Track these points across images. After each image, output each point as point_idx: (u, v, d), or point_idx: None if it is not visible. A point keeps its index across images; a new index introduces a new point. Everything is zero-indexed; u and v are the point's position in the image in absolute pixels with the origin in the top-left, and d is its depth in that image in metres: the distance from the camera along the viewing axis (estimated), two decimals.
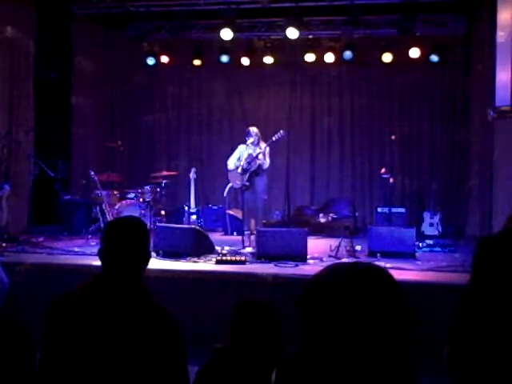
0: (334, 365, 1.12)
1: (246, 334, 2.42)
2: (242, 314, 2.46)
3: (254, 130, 8.41)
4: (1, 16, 8.31)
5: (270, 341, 2.42)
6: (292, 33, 9.01)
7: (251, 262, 6.37)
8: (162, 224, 7.82)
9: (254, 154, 8.14)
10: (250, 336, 2.41)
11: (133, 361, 2.00)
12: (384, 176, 8.92)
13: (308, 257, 6.53)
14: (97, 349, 2.00)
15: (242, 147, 8.40)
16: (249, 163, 8.16)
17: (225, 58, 10.22)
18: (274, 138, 8.04)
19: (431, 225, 9.17)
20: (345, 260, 6.50)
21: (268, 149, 8.27)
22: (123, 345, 2.00)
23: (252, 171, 8.17)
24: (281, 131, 8.02)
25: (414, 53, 9.59)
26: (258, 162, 8.14)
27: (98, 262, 2.19)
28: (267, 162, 8.26)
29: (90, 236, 7.89)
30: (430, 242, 8.02)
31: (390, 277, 1.21)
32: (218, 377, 2.36)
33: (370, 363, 1.12)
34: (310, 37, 10.07)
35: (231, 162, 8.43)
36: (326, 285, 1.16)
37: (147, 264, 2.22)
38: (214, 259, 6.34)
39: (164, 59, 10.49)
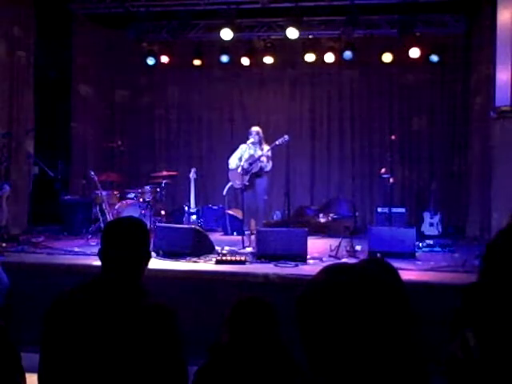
0: (334, 368, 1.12)
1: (244, 332, 2.41)
2: (240, 313, 2.46)
3: (254, 129, 8.38)
4: (1, 16, 8.30)
5: (268, 339, 2.42)
6: (292, 33, 9.01)
7: (251, 262, 6.37)
8: (162, 224, 7.81)
9: (256, 156, 8.12)
10: (248, 334, 2.41)
11: (132, 360, 2.00)
12: (384, 176, 8.91)
13: (308, 257, 6.51)
14: (96, 348, 2.00)
15: (243, 146, 8.39)
16: (250, 164, 8.15)
17: (225, 58, 10.22)
18: (277, 142, 7.88)
19: (431, 225, 9.17)
20: (345, 260, 6.50)
21: (270, 152, 8.26)
22: (122, 344, 2.00)
23: (253, 173, 8.16)
24: (285, 136, 7.85)
25: (414, 53, 9.59)
26: (260, 164, 8.12)
27: (98, 262, 2.19)
28: (269, 165, 8.25)
29: (90, 236, 7.88)
30: (430, 242, 8.01)
31: (391, 276, 1.20)
32: (216, 376, 2.36)
33: (373, 364, 1.11)
34: (310, 37, 10.07)
35: (232, 162, 8.42)
36: (323, 287, 1.16)
37: (147, 264, 2.22)
38: (214, 259, 6.34)
39: (164, 59, 10.49)
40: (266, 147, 8.19)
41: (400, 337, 1.13)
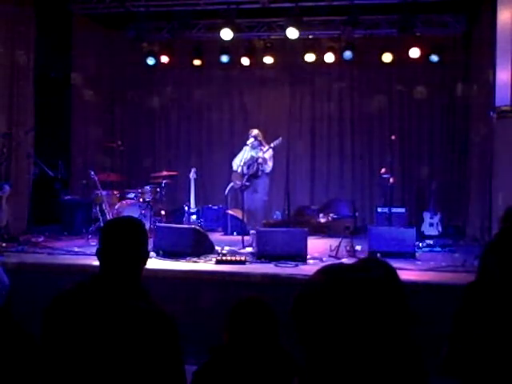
0: (333, 368, 1.12)
1: (243, 332, 2.41)
2: (239, 313, 2.46)
3: (252, 132, 8.48)
4: (1, 16, 8.30)
5: (267, 340, 2.42)
6: (292, 33, 9.01)
7: (251, 262, 6.37)
8: (162, 224, 7.82)
9: (256, 157, 8.19)
10: (248, 335, 2.41)
11: (130, 361, 2.00)
12: (384, 176, 8.91)
13: (308, 257, 6.52)
14: (94, 348, 2.00)
15: (246, 148, 8.46)
16: (248, 167, 8.22)
17: (225, 58, 10.22)
18: (272, 145, 8.17)
19: (431, 225, 9.16)
20: (345, 260, 6.50)
21: (270, 152, 8.31)
22: (121, 345, 2.00)
23: (251, 174, 8.21)
24: (280, 138, 8.15)
25: (414, 53, 9.58)
26: (258, 165, 8.19)
27: (98, 262, 2.19)
28: (269, 166, 8.29)
29: (90, 236, 7.88)
30: (430, 242, 8.02)
31: (389, 276, 1.20)
32: (215, 376, 2.36)
33: (371, 363, 1.11)
34: (310, 37, 10.07)
35: (235, 163, 8.52)
36: (320, 288, 1.16)
37: (145, 264, 2.22)
38: (214, 259, 6.34)
39: (164, 59, 10.49)
40: (265, 148, 8.29)
41: (398, 336, 1.13)
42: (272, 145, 8.17)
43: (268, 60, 10.46)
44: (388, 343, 1.13)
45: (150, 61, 10.44)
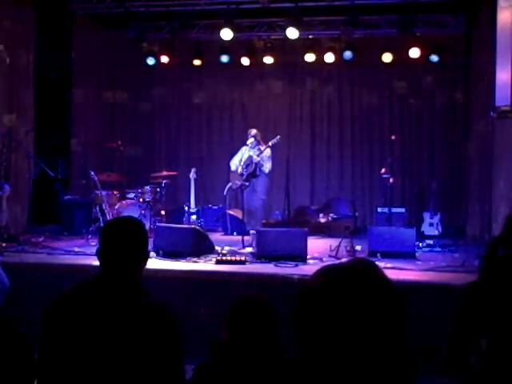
0: (330, 367, 1.12)
1: (244, 331, 2.42)
2: (240, 311, 2.47)
3: (251, 131, 8.54)
4: (1, 16, 8.30)
5: (267, 338, 2.42)
6: (292, 33, 9.01)
7: (251, 262, 6.37)
8: (162, 224, 7.82)
9: (254, 157, 8.24)
10: (248, 333, 2.41)
11: (130, 360, 2.00)
12: (384, 176, 8.91)
13: (308, 257, 6.52)
14: (94, 348, 2.00)
15: (244, 149, 8.49)
16: (247, 166, 8.27)
17: (225, 58, 10.21)
18: (270, 143, 8.26)
19: (431, 225, 9.17)
20: (345, 260, 6.49)
21: (269, 151, 8.32)
22: (120, 344, 2.00)
23: (249, 173, 8.24)
24: (278, 136, 8.20)
25: (414, 53, 9.58)
26: (255, 164, 8.23)
27: (98, 262, 2.19)
28: (267, 165, 8.31)
29: (89, 236, 7.87)
30: (430, 242, 8.02)
31: (380, 277, 1.20)
32: (215, 374, 2.36)
33: (366, 364, 1.12)
34: (310, 37, 10.07)
35: (233, 164, 8.54)
36: (320, 290, 1.16)
37: (145, 263, 2.22)
38: (214, 259, 6.34)
39: (164, 59, 10.48)
40: (263, 148, 8.33)
41: (394, 335, 1.14)
42: (270, 143, 8.22)
43: (268, 60, 10.46)
44: (384, 342, 1.13)
45: (150, 61, 10.43)
